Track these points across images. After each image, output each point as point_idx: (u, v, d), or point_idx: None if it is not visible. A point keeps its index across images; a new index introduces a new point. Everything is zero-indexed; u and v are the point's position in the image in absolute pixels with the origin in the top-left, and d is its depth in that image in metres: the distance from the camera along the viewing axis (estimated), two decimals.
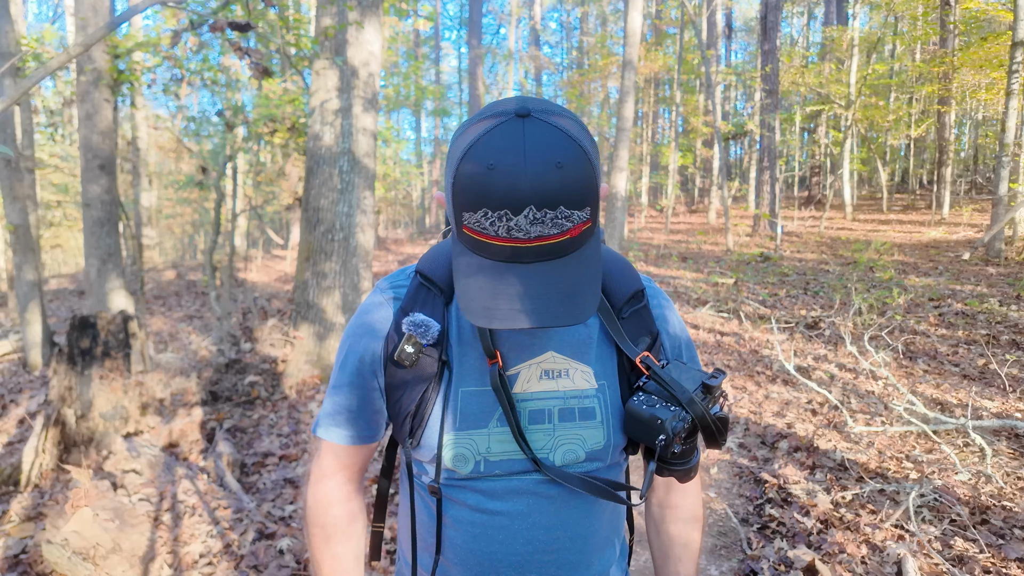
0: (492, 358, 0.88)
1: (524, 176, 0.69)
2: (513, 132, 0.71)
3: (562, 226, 0.72)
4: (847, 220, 15.72)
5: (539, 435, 0.90)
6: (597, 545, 0.98)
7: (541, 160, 0.70)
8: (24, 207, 5.88)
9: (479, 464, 0.90)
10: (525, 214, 0.70)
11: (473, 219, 0.73)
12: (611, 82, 23.21)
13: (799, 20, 30.98)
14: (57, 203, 16.15)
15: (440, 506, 0.93)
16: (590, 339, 0.94)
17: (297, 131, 7.69)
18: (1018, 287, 7.51)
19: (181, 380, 4.95)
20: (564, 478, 0.89)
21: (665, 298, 1.04)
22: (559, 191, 0.70)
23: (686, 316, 7.29)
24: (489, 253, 0.75)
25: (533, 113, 0.73)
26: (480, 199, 0.71)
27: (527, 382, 0.91)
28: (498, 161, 0.70)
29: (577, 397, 0.92)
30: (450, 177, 0.75)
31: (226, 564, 2.73)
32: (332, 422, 0.98)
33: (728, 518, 3.13)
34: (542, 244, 0.73)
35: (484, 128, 0.73)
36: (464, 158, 0.72)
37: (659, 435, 0.85)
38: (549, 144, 0.71)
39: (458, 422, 0.89)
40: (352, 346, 0.96)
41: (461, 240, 0.78)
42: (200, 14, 3.29)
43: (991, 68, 12.77)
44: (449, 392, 0.90)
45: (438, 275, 0.94)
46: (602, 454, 0.93)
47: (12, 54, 5.63)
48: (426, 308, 0.92)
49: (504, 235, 0.72)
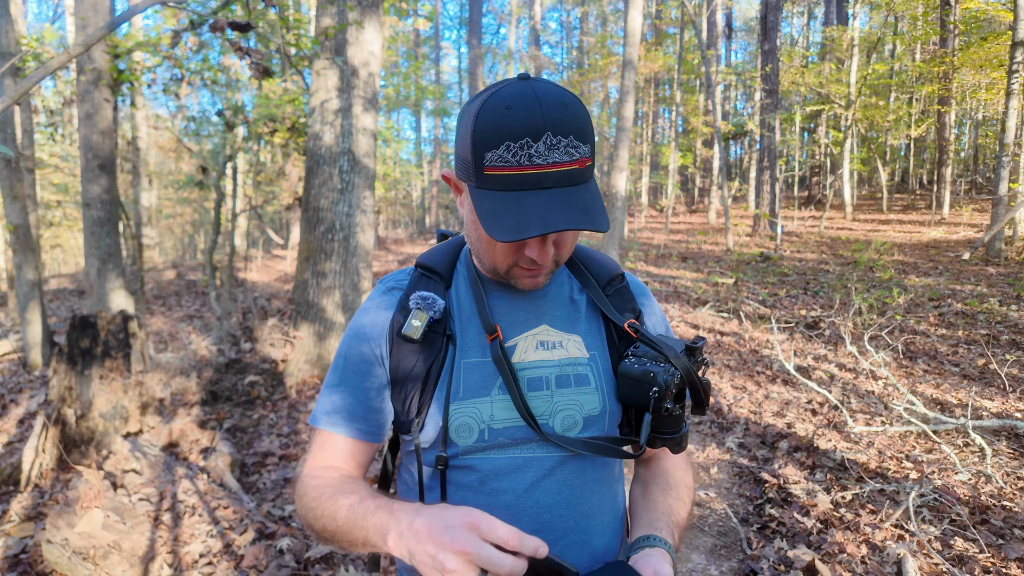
0: (492, 332, 0.94)
1: (539, 109, 0.80)
2: (522, 85, 0.83)
3: (572, 155, 0.82)
4: (847, 220, 15.72)
5: (538, 401, 0.95)
6: (599, 525, 1.00)
7: (550, 99, 0.81)
8: (24, 207, 5.88)
9: (483, 433, 0.93)
10: (544, 139, 0.79)
11: (495, 155, 0.81)
12: (611, 82, 23.22)
13: (799, 20, 30.98)
14: (57, 203, 16.14)
15: (444, 481, 0.94)
16: (578, 313, 1.03)
17: (297, 131, 7.69)
18: (1018, 287, 7.51)
19: (181, 380, 4.95)
20: (565, 443, 0.93)
21: (644, 287, 1.12)
22: (568, 122, 0.81)
23: (686, 316, 7.29)
24: (512, 185, 0.82)
25: (533, 78, 0.85)
26: (502, 134, 0.80)
27: (524, 352, 0.97)
28: (514, 103, 0.81)
29: (571, 364, 0.98)
30: (468, 129, 0.83)
31: (226, 564, 2.72)
32: (336, 411, 0.99)
33: (728, 518, 3.13)
34: (559, 170, 0.81)
35: (494, 88, 0.84)
36: (482, 108, 0.82)
37: (652, 388, 0.90)
38: (553, 91, 0.83)
39: (461, 392, 0.94)
40: (356, 332, 1.00)
41: (483, 186, 0.84)
42: (200, 14, 3.29)
43: (991, 68, 12.78)
44: (452, 365, 0.95)
45: (438, 264, 1.02)
46: (599, 420, 0.98)
47: (12, 54, 5.63)
48: (428, 290, 0.98)
49: (526, 163, 0.80)
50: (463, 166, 0.87)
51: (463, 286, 1.01)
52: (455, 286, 1.01)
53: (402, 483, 1.07)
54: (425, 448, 0.96)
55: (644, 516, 1.02)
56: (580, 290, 1.05)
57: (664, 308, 7.62)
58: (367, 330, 0.99)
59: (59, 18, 19.19)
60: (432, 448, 0.95)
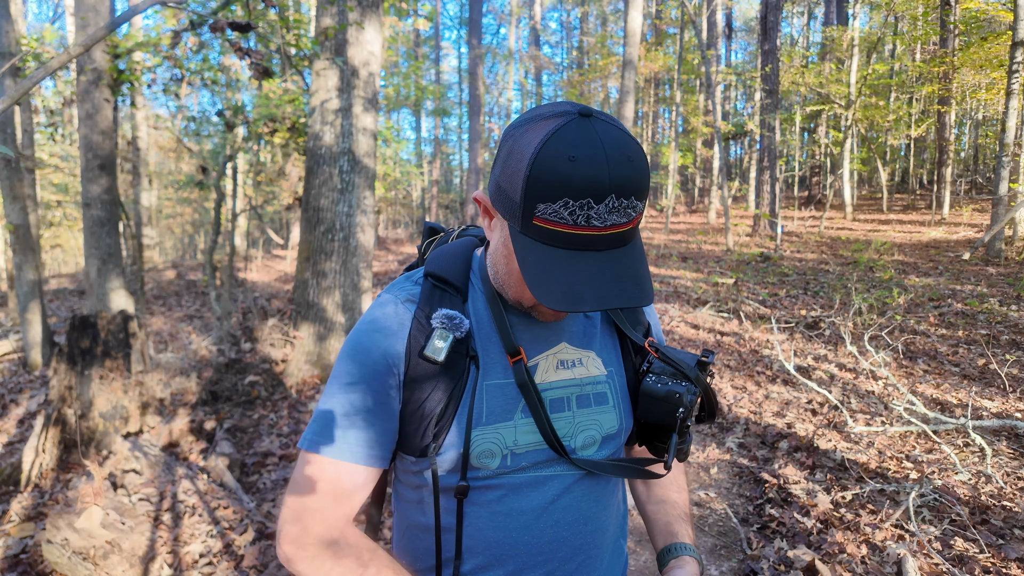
0: (515, 354, 0.89)
1: (605, 167, 0.73)
2: (586, 128, 0.75)
3: (629, 215, 0.77)
4: (847, 220, 15.72)
5: (561, 423, 0.93)
6: (610, 539, 1.01)
7: (617, 153, 0.74)
8: (24, 207, 5.88)
9: (506, 459, 0.90)
10: (607, 202, 0.74)
11: (550, 210, 0.75)
12: (611, 82, 23.23)
13: (799, 20, 30.98)
14: (57, 203, 16.15)
15: (460, 510, 0.90)
16: (594, 328, 1.00)
17: (297, 131, 7.69)
18: (1018, 287, 7.51)
19: (181, 380, 4.95)
20: (593, 466, 0.93)
21: None
22: (633, 182, 0.75)
23: (686, 316, 7.29)
24: (563, 242, 0.77)
25: (595, 114, 0.77)
26: (562, 189, 0.73)
27: (545, 372, 0.94)
28: (579, 153, 0.73)
29: (591, 383, 0.96)
30: (522, 172, 0.76)
31: (226, 564, 2.72)
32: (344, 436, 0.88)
33: (728, 518, 3.13)
34: (614, 232, 0.77)
35: (553, 125, 0.76)
36: (541, 151, 0.74)
37: (679, 408, 0.91)
38: (619, 140, 0.75)
39: (484, 416, 0.89)
40: (366, 345, 0.90)
41: (528, 234, 0.78)
42: (200, 14, 3.29)
43: (991, 68, 12.77)
44: (474, 388, 0.89)
45: (452, 276, 0.94)
46: (616, 438, 0.98)
47: (12, 54, 5.63)
48: (445, 306, 0.91)
49: (583, 223, 0.75)
50: (506, 203, 0.80)
51: (480, 301, 0.94)
52: (472, 300, 0.94)
53: (400, 500, 1.01)
54: (442, 473, 0.90)
55: (660, 519, 1.07)
56: None
57: (664, 308, 7.62)
58: (381, 344, 0.89)
59: (59, 18, 19.20)
60: (451, 473, 0.90)
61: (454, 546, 0.91)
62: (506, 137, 0.82)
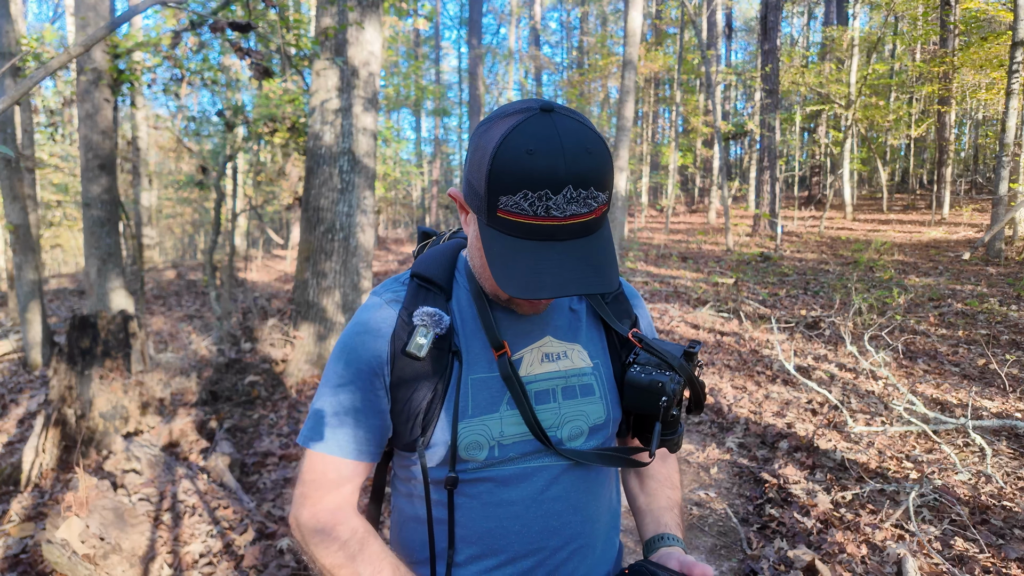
0: (499, 348, 0.92)
1: (562, 158, 0.76)
2: (545, 123, 0.78)
3: (590, 205, 0.79)
4: (847, 220, 15.72)
5: (546, 414, 0.94)
6: (602, 530, 1.02)
7: (574, 145, 0.77)
8: (24, 207, 5.88)
9: (493, 450, 0.92)
10: (564, 193, 0.76)
11: (511, 202, 0.78)
12: (611, 82, 23.23)
13: (799, 20, 30.98)
14: (57, 203, 16.15)
15: (452, 501, 0.93)
16: (579, 322, 1.02)
17: (297, 131, 7.69)
18: (1018, 287, 7.51)
19: (181, 380, 4.95)
20: (578, 456, 0.95)
21: (635, 291, 1.14)
22: (590, 173, 0.77)
23: (686, 316, 7.29)
24: (525, 233, 0.80)
25: (556, 109, 0.80)
26: (521, 181, 0.76)
27: (530, 365, 0.96)
28: (536, 147, 0.76)
29: (577, 375, 0.98)
30: (484, 166, 0.79)
31: (226, 564, 2.72)
32: (336, 431, 0.93)
33: (728, 518, 3.13)
34: (575, 222, 0.79)
35: (514, 121, 0.79)
36: (501, 146, 0.77)
37: (661, 397, 0.93)
38: (577, 133, 0.78)
39: (470, 409, 0.92)
40: (354, 347, 0.94)
41: (493, 226, 0.82)
42: (200, 14, 3.29)
43: (991, 68, 12.77)
44: (459, 382, 0.92)
45: (436, 275, 0.98)
46: (603, 428, 0.99)
47: (12, 54, 5.63)
48: (428, 304, 0.94)
49: (543, 214, 0.78)
50: (474, 197, 0.83)
51: (464, 298, 0.97)
52: (456, 298, 0.97)
53: (398, 495, 1.05)
54: (432, 466, 0.93)
55: (649, 513, 1.06)
56: (579, 298, 1.05)
57: (664, 308, 7.62)
58: (367, 346, 0.93)
59: (59, 18, 19.20)
60: (440, 466, 0.93)
61: (447, 537, 0.94)
62: (474, 135, 0.85)
